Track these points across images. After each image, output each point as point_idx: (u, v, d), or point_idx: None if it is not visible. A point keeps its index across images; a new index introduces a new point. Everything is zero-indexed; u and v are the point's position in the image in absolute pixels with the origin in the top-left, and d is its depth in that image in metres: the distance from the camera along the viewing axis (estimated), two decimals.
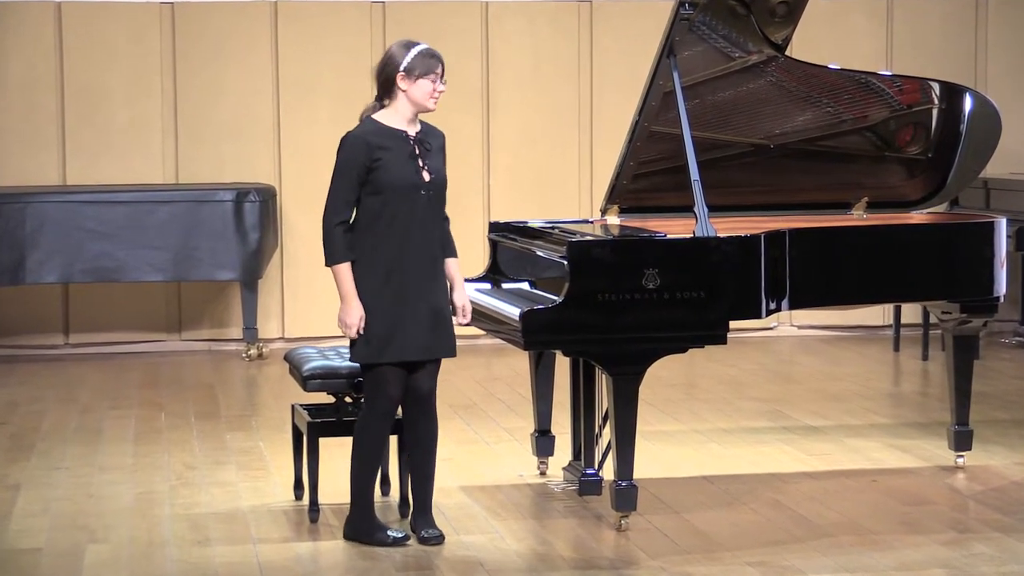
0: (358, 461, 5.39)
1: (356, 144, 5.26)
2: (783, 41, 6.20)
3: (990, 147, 6.54)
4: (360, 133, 5.28)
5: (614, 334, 5.43)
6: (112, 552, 5.37)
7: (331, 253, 5.24)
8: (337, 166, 5.28)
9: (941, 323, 6.40)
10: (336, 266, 5.23)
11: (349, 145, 5.27)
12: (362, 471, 5.39)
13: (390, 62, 5.27)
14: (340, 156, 5.29)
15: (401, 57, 5.25)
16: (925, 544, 5.39)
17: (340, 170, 5.27)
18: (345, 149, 5.28)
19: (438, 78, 5.28)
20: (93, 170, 9.55)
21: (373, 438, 5.38)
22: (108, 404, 8.00)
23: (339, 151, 5.29)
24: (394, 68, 5.25)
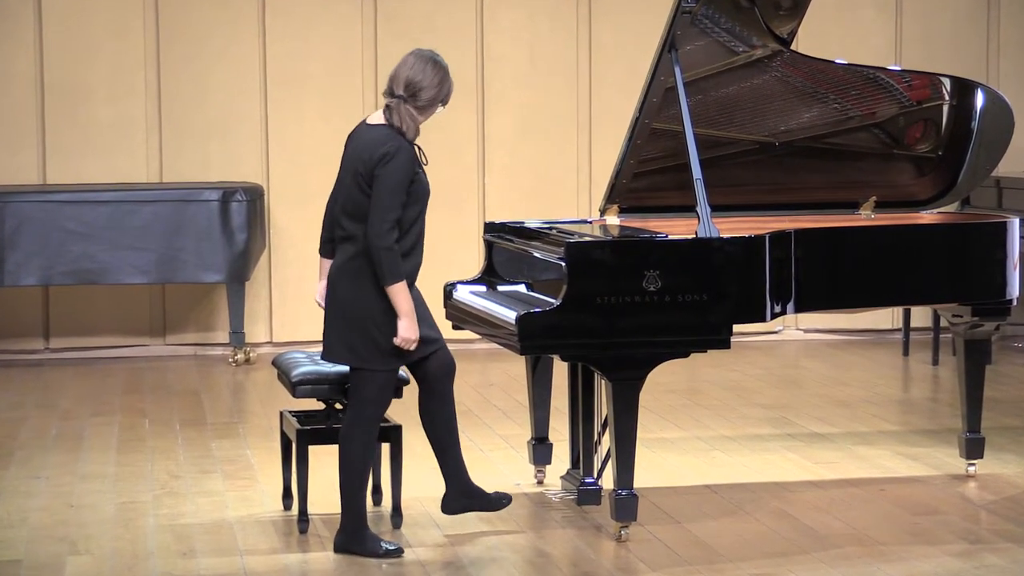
0: (347, 470, 5.42)
1: (410, 157, 5.34)
2: (788, 35, 6.20)
3: (1002, 145, 6.54)
4: (407, 145, 5.35)
5: (614, 338, 5.42)
6: (94, 564, 5.34)
7: (395, 273, 5.30)
8: (395, 182, 5.28)
9: (952, 327, 6.40)
10: (397, 286, 5.31)
11: (407, 159, 5.32)
12: (351, 480, 5.41)
13: (440, 83, 5.39)
14: (398, 171, 5.28)
15: (443, 86, 5.40)
16: (935, 555, 5.38)
17: (399, 186, 5.29)
18: (403, 164, 5.31)
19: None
20: (74, 169, 9.54)
21: (364, 445, 5.41)
22: (90, 411, 7.99)
23: (395, 163, 5.28)
24: (438, 92, 5.40)
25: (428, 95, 5.36)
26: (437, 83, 5.37)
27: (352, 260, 5.39)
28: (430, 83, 5.36)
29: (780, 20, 6.10)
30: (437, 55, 5.43)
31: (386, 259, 5.27)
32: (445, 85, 5.40)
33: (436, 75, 5.37)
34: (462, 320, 6.10)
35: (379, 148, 5.29)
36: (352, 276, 5.37)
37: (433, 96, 5.37)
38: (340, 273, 5.43)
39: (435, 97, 5.38)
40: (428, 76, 5.36)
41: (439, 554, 5.41)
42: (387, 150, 5.28)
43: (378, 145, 5.30)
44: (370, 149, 5.31)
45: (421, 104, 5.36)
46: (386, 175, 5.26)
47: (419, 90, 5.35)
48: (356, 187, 5.34)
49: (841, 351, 9.69)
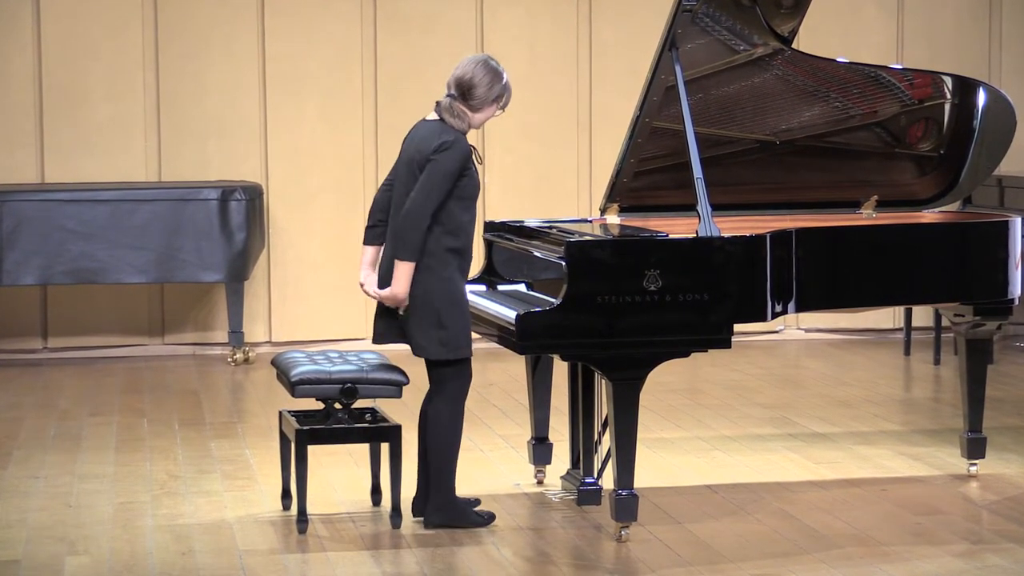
0: (451, 449, 5.61)
1: (466, 153, 5.53)
2: (790, 33, 6.19)
3: (1004, 143, 6.53)
4: (466, 145, 5.55)
5: (614, 338, 5.41)
6: (92, 564, 5.32)
7: (413, 249, 5.47)
8: (447, 170, 5.47)
9: (953, 326, 6.38)
10: (409, 263, 5.47)
11: (462, 154, 5.52)
12: (448, 461, 5.62)
13: (491, 82, 5.58)
14: (452, 162, 5.48)
15: (496, 86, 5.59)
16: (937, 556, 5.36)
17: (448, 175, 5.48)
18: (458, 157, 5.50)
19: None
20: (73, 168, 9.52)
21: (458, 428, 5.64)
22: (88, 411, 7.98)
23: (450, 153, 5.48)
24: (489, 90, 5.58)
25: (479, 93, 5.54)
26: (488, 82, 5.54)
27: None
28: (480, 81, 5.54)
29: (781, 18, 6.09)
30: (491, 58, 5.63)
31: (413, 236, 5.45)
32: (496, 86, 5.56)
33: (487, 75, 5.56)
34: None
35: (436, 139, 5.50)
36: (425, 272, 5.49)
37: (484, 95, 5.55)
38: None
39: (486, 96, 5.55)
40: (479, 75, 5.54)
41: (439, 554, 5.38)
42: (444, 140, 5.48)
43: (435, 136, 5.51)
44: (428, 140, 5.53)
45: (474, 103, 5.55)
46: (439, 161, 5.47)
47: (469, 88, 5.54)
48: (412, 178, 5.51)
49: (842, 351, 9.68)
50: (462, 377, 5.63)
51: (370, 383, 5.62)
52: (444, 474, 5.64)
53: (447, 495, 5.66)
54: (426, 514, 5.68)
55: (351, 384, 5.59)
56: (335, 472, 6.41)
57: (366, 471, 6.19)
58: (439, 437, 5.62)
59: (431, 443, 5.64)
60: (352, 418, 5.70)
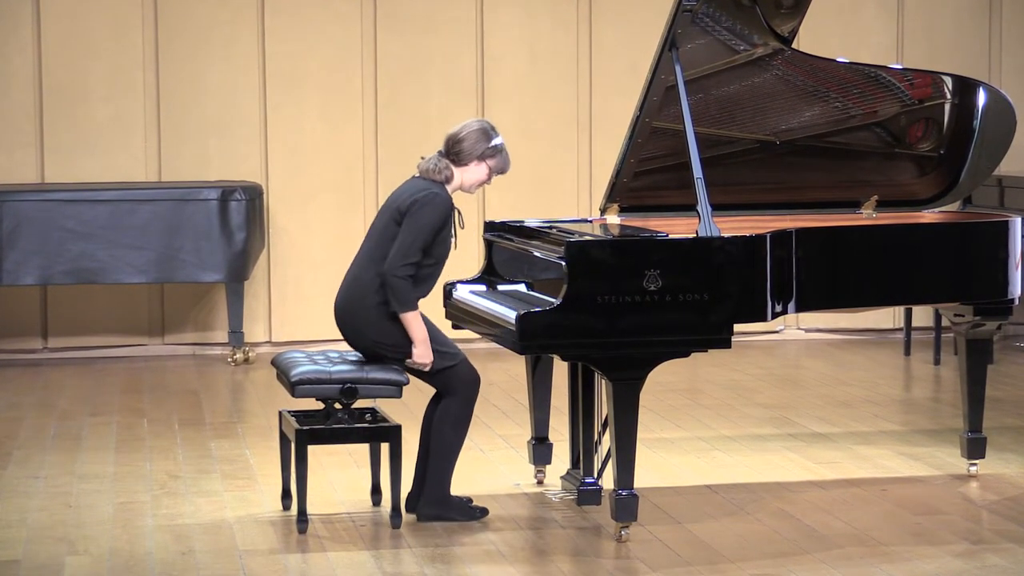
0: (453, 448, 5.67)
1: (446, 209, 5.59)
2: (790, 33, 6.17)
3: (1004, 143, 6.51)
4: (448, 198, 5.62)
5: (614, 338, 5.40)
6: (92, 564, 5.31)
7: (407, 300, 5.56)
8: (424, 223, 5.54)
9: (953, 326, 6.37)
10: (412, 312, 5.56)
11: (441, 208, 5.58)
12: (452, 457, 5.67)
13: (478, 139, 5.68)
14: (430, 215, 5.55)
15: (483, 143, 5.68)
16: (937, 556, 5.35)
17: (426, 227, 5.55)
18: (437, 211, 5.57)
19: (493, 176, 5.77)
20: (73, 168, 9.51)
21: (466, 426, 5.71)
22: (88, 411, 7.96)
23: (428, 208, 5.55)
24: (475, 146, 5.67)
25: (465, 146, 5.65)
26: (476, 138, 5.65)
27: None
28: (468, 135, 5.65)
29: (781, 18, 6.07)
30: (490, 123, 5.74)
31: (400, 287, 5.54)
32: (483, 143, 5.64)
33: (477, 131, 5.67)
34: (462, 320, 6.08)
35: (417, 193, 5.58)
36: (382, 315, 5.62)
37: (470, 148, 5.64)
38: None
39: (472, 150, 5.64)
40: (468, 129, 5.67)
41: (438, 554, 5.37)
42: (424, 194, 5.57)
43: (416, 191, 5.59)
44: (410, 191, 5.61)
45: (459, 157, 5.65)
46: (417, 215, 5.52)
47: (457, 141, 5.66)
48: (386, 225, 5.60)
49: (842, 351, 9.67)
50: (465, 378, 5.65)
51: (370, 383, 5.61)
52: (443, 471, 5.67)
53: (442, 491, 5.68)
54: (419, 506, 5.71)
55: (351, 384, 5.58)
56: (335, 472, 6.41)
57: (366, 471, 6.18)
58: (443, 434, 5.65)
59: (435, 438, 5.66)
60: (352, 418, 5.69)
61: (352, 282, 5.68)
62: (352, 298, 5.65)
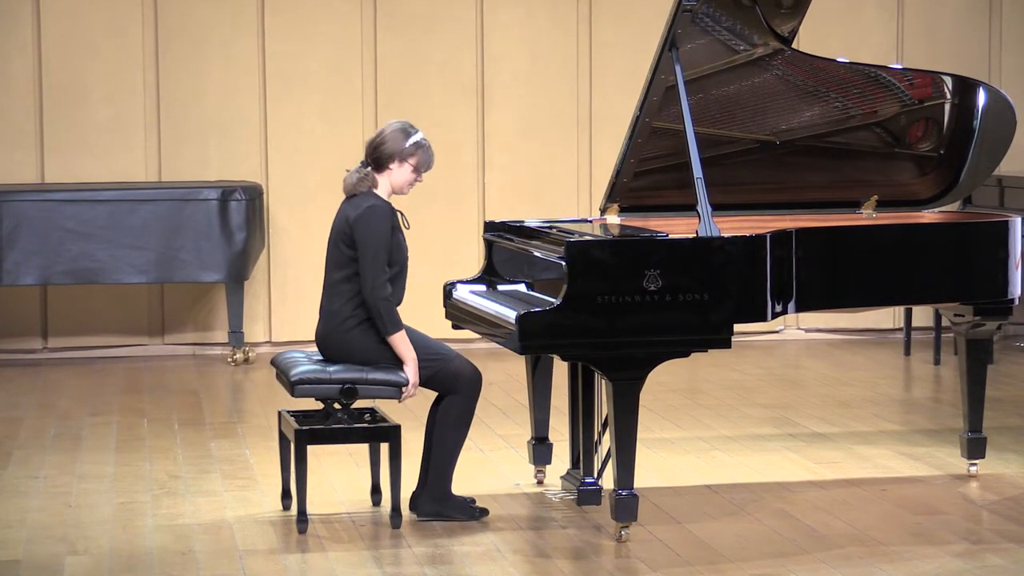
0: (454, 446, 5.67)
1: (387, 216, 5.57)
2: (790, 33, 6.16)
3: (1004, 143, 6.49)
4: (384, 205, 5.59)
5: (614, 338, 5.39)
6: (93, 564, 5.30)
7: (393, 323, 5.56)
8: (376, 238, 5.54)
9: (953, 326, 6.36)
10: (399, 334, 5.57)
11: (384, 215, 5.57)
12: (453, 455, 5.68)
13: (399, 138, 5.61)
14: (377, 226, 5.55)
15: (402, 142, 5.61)
16: (937, 556, 5.34)
17: (381, 241, 5.55)
18: (381, 219, 5.56)
19: (422, 173, 5.70)
20: (72, 168, 9.50)
21: (468, 424, 5.70)
22: (88, 411, 7.94)
23: (373, 221, 5.55)
24: (394, 149, 5.61)
25: (385, 150, 5.59)
26: (394, 139, 5.59)
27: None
28: (385, 138, 5.60)
29: (781, 18, 6.06)
30: (407, 122, 5.67)
31: (384, 309, 5.54)
32: (401, 143, 5.58)
33: (396, 131, 5.62)
34: (462, 320, 6.08)
35: (353, 212, 5.57)
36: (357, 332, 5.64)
37: (390, 151, 5.58)
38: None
39: (392, 153, 5.59)
40: (385, 133, 5.62)
41: (439, 554, 5.37)
42: (361, 211, 5.55)
43: (352, 211, 5.59)
44: (343, 216, 5.61)
45: (382, 163, 5.60)
46: (364, 233, 5.53)
47: (375, 147, 5.62)
48: (337, 251, 5.63)
49: (842, 351, 9.65)
50: (466, 376, 5.65)
51: (369, 383, 5.60)
52: (444, 469, 5.67)
53: (443, 489, 5.69)
54: (419, 504, 5.71)
55: (351, 384, 5.57)
56: (335, 472, 6.40)
57: (366, 471, 6.18)
58: (445, 432, 5.65)
59: (436, 436, 5.67)
60: (351, 418, 5.69)
61: (326, 315, 5.71)
62: (330, 330, 5.69)
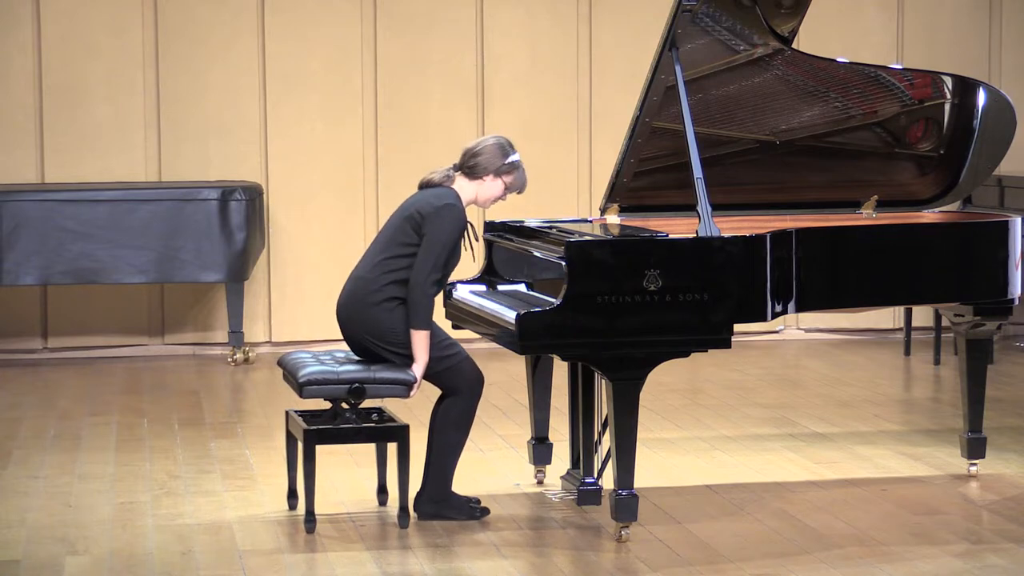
0: (455, 446, 5.68)
1: (462, 222, 5.59)
2: (790, 33, 6.16)
3: (1004, 143, 6.49)
4: (462, 212, 5.60)
5: (614, 337, 5.38)
6: (92, 564, 5.29)
7: (426, 321, 5.56)
8: (447, 236, 5.55)
9: (953, 326, 6.35)
10: (425, 332, 5.57)
11: (459, 221, 5.59)
12: (454, 454, 5.69)
13: (495, 155, 5.66)
14: (451, 226, 5.56)
15: (500, 158, 5.66)
16: (937, 556, 5.34)
17: (450, 241, 5.56)
18: (457, 221, 5.58)
19: (508, 192, 5.74)
20: (72, 168, 9.49)
21: (469, 424, 5.71)
22: (88, 411, 7.94)
23: (449, 220, 5.55)
24: (490, 164, 5.66)
25: (482, 160, 5.62)
26: (492, 153, 5.63)
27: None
28: (484, 149, 5.64)
29: (781, 18, 6.06)
30: (508, 140, 5.70)
31: (424, 305, 5.54)
32: (499, 160, 5.62)
33: (494, 145, 5.66)
34: (462, 320, 6.07)
35: (437, 200, 5.57)
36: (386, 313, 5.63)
37: (486, 163, 5.62)
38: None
39: (488, 166, 5.62)
40: (485, 144, 5.66)
41: (439, 554, 5.37)
42: (444, 204, 5.56)
43: (436, 198, 5.59)
44: (428, 200, 5.59)
45: (476, 173, 5.64)
46: (438, 229, 5.53)
47: (474, 155, 5.64)
48: (400, 231, 5.58)
49: (842, 351, 9.65)
50: (469, 377, 5.66)
51: (378, 383, 5.60)
52: (444, 469, 5.68)
53: (443, 489, 5.69)
54: (420, 504, 5.71)
55: (359, 384, 5.58)
56: (335, 472, 6.39)
57: (367, 471, 6.17)
58: (446, 432, 5.66)
59: (437, 436, 5.67)
60: (359, 418, 5.68)
61: (355, 280, 5.67)
62: (355, 297, 5.64)
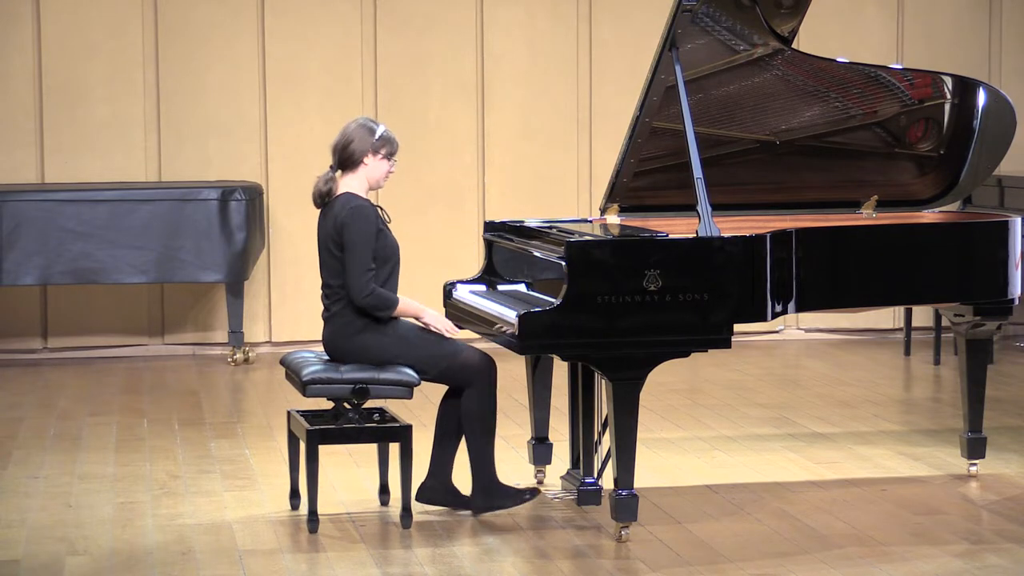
0: (486, 435, 5.67)
1: (372, 212, 5.61)
2: (789, 33, 6.16)
3: (1004, 144, 6.49)
4: (364, 203, 5.62)
5: (614, 338, 5.39)
6: (92, 564, 5.29)
7: (388, 304, 5.62)
8: (364, 237, 5.59)
9: (953, 326, 6.35)
10: (400, 305, 5.63)
11: (371, 215, 5.61)
12: (488, 444, 5.68)
13: (356, 140, 5.66)
14: (365, 227, 5.59)
15: (368, 137, 5.65)
16: (937, 556, 5.34)
17: (368, 241, 5.59)
18: (365, 219, 5.60)
19: (394, 161, 5.74)
20: (72, 168, 9.50)
21: (492, 411, 5.69)
22: (88, 411, 7.94)
23: (361, 221, 5.59)
24: (364, 146, 5.66)
25: (355, 148, 5.64)
26: (360, 136, 5.63)
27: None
28: (351, 136, 5.64)
29: (781, 18, 6.06)
30: (367, 118, 5.73)
31: (373, 302, 5.60)
32: (369, 140, 5.62)
33: (359, 128, 5.65)
34: (462, 320, 6.07)
35: (337, 216, 5.62)
36: (364, 331, 5.67)
37: (361, 148, 5.63)
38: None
39: (363, 150, 5.63)
40: (349, 132, 5.66)
41: (439, 554, 5.36)
42: (345, 212, 5.59)
43: (335, 214, 5.63)
44: (330, 222, 5.66)
45: (355, 162, 5.65)
46: (351, 234, 5.58)
47: (344, 148, 5.66)
48: (330, 256, 5.69)
49: (842, 351, 9.65)
50: (477, 366, 5.63)
51: (381, 384, 5.60)
52: (483, 459, 5.68)
53: (490, 480, 5.71)
54: (471, 498, 5.73)
55: (363, 384, 5.58)
56: (335, 472, 6.39)
57: (366, 471, 6.17)
58: (472, 426, 5.67)
59: (467, 432, 5.69)
60: (362, 418, 5.68)
61: (332, 320, 5.72)
62: (340, 335, 5.69)
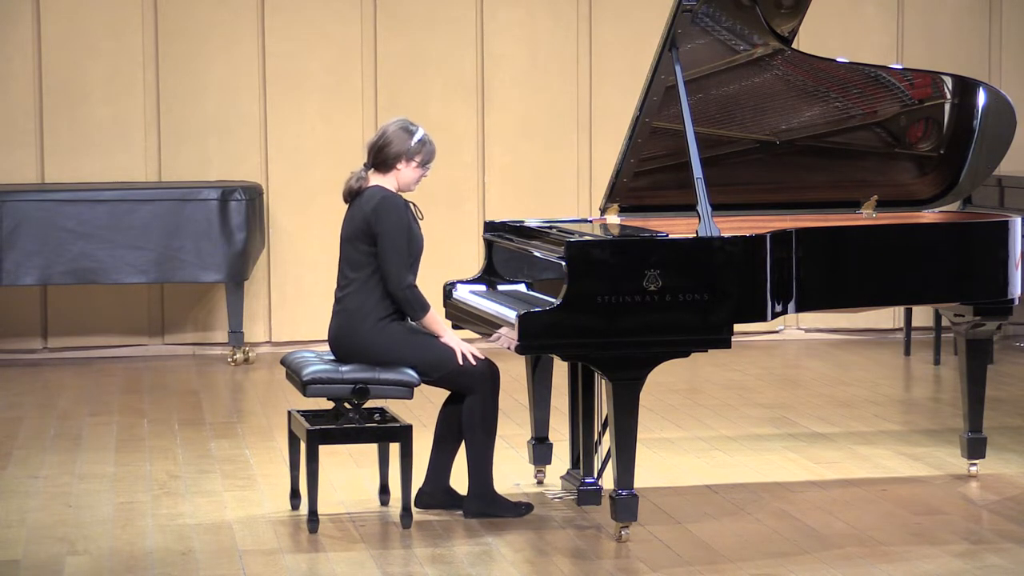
0: (486, 442, 5.67)
1: (402, 203, 5.63)
2: (790, 33, 6.17)
3: (1004, 143, 6.50)
4: (395, 195, 5.65)
5: (614, 338, 5.39)
6: (92, 564, 5.30)
7: (422, 306, 5.64)
8: (397, 228, 5.59)
9: (953, 326, 6.36)
10: (431, 314, 5.65)
11: (401, 206, 5.62)
12: (487, 450, 5.68)
13: (393, 143, 5.66)
14: (396, 217, 5.60)
15: (407, 141, 5.66)
16: (937, 556, 5.34)
17: (401, 231, 5.59)
18: (399, 210, 5.61)
19: (429, 168, 5.76)
20: (72, 168, 9.50)
21: (494, 417, 5.69)
22: (88, 411, 7.94)
23: (391, 212, 5.59)
24: (400, 149, 5.66)
25: (392, 151, 5.64)
26: (399, 139, 5.63)
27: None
28: (390, 139, 5.64)
29: (781, 18, 6.07)
30: (406, 120, 5.72)
31: (412, 296, 5.61)
32: (407, 144, 5.63)
33: (398, 130, 5.65)
34: (462, 320, 6.08)
35: (368, 205, 5.61)
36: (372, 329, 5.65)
37: (397, 151, 5.63)
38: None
39: (400, 154, 5.64)
40: (388, 133, 5.66)
41: (439, 554, 5.37)
42: (377, 202, 5.59)
43: (367, 204, 5.62)
44: (361, 211, 5.63)
45: (389, 165, 5.65)
46: (384, 226, 5.56)
47: (380, 149, 5.66)
48: (357, 251, 5.63)
49: (842, 351, 9.65)
50: (475, 375, 5.63)
51: (382, 384, 5.60)
52: (481, 466, 5.69)
53: (486, 487, 5.71)
54: (465, 502, 5.73)
55: (363, 384, 5.58)
56: (335, 472, 6.39)
57: (366, 471, 6.17)
58: (474, 432, 5.67)
59: (467, 438, 5.69)
60: (362, 418, 5.68)
61: (345, 313, 5.68)
62: (350, 328, 5.66)
